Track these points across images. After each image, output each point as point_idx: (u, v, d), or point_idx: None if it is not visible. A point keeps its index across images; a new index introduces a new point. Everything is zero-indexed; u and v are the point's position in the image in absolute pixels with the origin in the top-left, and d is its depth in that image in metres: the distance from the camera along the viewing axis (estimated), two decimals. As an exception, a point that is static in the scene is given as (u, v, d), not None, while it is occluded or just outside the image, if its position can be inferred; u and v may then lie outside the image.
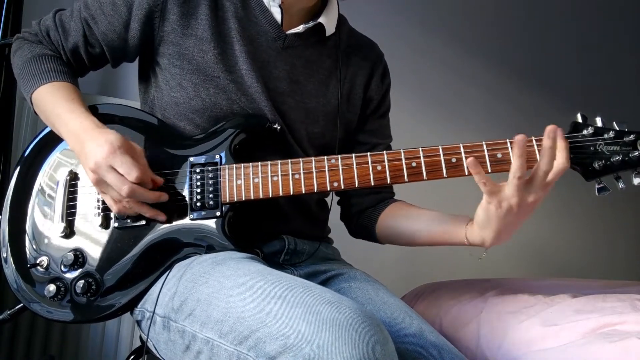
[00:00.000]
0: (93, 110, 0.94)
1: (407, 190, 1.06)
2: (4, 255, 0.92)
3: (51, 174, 0.95)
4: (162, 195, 0.87)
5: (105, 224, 0.90)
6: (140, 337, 1.08)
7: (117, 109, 0.97)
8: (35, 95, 0.94)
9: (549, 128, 0.80)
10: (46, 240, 0.91)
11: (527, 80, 2.59)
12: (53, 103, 0.91)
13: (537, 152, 0.83)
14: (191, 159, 0.91)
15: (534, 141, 0.84)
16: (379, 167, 0.87)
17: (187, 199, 0.89)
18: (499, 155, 0.84)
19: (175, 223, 0.88)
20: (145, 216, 0.87)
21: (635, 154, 0.82)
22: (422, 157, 0.86)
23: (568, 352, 0.85)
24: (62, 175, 0.93)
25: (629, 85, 2.80)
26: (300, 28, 0.98)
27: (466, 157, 0.85)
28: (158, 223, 0.88)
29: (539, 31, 2.65)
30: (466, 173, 0.85)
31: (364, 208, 1.11)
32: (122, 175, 0.82)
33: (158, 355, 0.87)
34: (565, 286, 1.28)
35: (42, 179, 0.95)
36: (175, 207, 0.89)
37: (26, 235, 0.92)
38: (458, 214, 0.95)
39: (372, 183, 0.87)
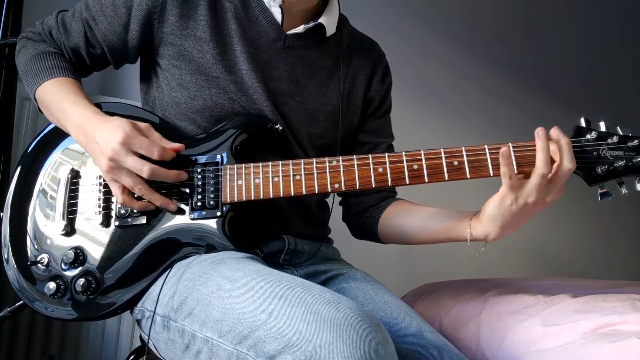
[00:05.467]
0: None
1: (409, 190, 1.06)
2: (5, 252, 0.92)
3: (52, 173, 0.95)
4: (181, 173, 0.88)
5: (106, 223, 0.90)
6: (140, 337, 1.08)
7: (119, 107, 0.97)
8: (39, 92, 0.94)
9: (538, 132, 0.82)
10: (47, 238, 0.91)
11: (528, 80, 2.59)
12: (57, 98, 0.91)
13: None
14: (192, 158, 0.91)
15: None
16: (380, 169, 0.87)
17: (187, 198, 0.89)
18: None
19: (175, 222, 0.89)
20: (156, 204, 0.87)
21: (639, 159, 0.82)
22: (423, 160, 0.86)
23: (568, 352, 0.86)
24: (64, 174, 0.93)
25: (629, 85, 2.80)
26: (300, 28, 0.98)
27: (468, 160, 0.85)
28: (158, 222, 0.89)
29: (540, 31, 2.65)
30: (468, 176, 0.85)
31: (365, 208, 1.11)
32: (140, 157, 0.83)
33: (158, 355, 0.87)
34: (565, 286, 1.28)
35: (43, 177, 0.95)
36: None
37: (27, 233, 0.93)
38: (459, 210, 0.95)
39: (373, 185, 0.87)
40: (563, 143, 0.81)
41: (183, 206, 0.89)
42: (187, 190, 0.89)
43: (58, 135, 0.95)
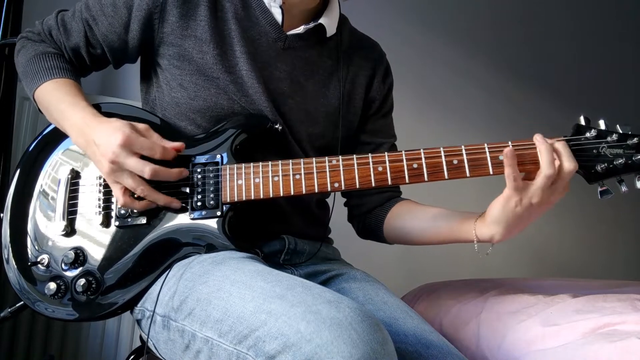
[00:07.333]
0: (96, 108, 0.94)
1: (411, 189, 1.06)
2: (6, 253, 0.92)
3: (52, 173, 0.95)
4: (183, 170, 0.88)
5: (106, 223, 0.90)
6: (141, 337, 1.08)
7: (119, 107, 0.97)
8: (38, 93, 0.94)
9: (537, 137, 0.83)
10: (47, 239, 0.91)
11: (527, 80, 2.60)
12: (56, 99, 0.91)
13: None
14: (192, 158, 0.91)
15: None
16: (380, 168, 0.87)
17: (188, 198, 0.89)
18: (501, 158, 0.84)
19: (175, 222, 0.89)
20: (159, 204, 0.87)
21: (639, 157, 0.82)
22: (423, 159, 0.86)
23: (568, 352, 0.86)
24: (64, 174, 0.93)
25: (629, 85, 2.80)
26: (301, 29, 0.98)
27: (468, 159, 0.85)
28: (158, 222, 0.89)
29: (540, 31, 2.65)
30: (467, 175, 0.85)
31: (371, 208, 1.11)
32: (141, 158, 0.83)
33: (158, 355, 0.87)
34: (565, 286, 1.28)
35: (43, 177, 0.95)
36: None
37: (27, 234, 0.93)
38: (464, 211, 0.95)
39: (373, 184, 0.87)
40: (559, 146, 0.82)
41: (183, 208, 0.88)
42: (187, 190, 0.89)
43: (58, 136, 0.95)
